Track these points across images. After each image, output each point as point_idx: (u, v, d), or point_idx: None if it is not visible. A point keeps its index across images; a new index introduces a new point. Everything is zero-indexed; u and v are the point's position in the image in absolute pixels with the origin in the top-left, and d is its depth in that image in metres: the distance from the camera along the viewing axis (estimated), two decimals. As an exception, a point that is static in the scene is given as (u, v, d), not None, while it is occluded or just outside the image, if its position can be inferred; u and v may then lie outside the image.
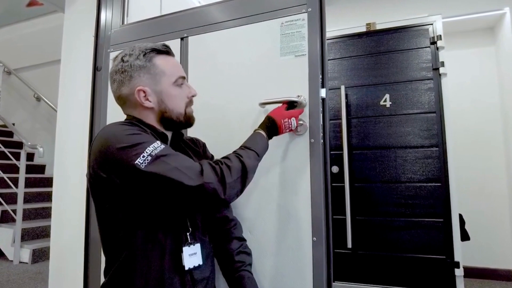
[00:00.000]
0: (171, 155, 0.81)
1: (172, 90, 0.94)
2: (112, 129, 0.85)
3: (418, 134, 2.56)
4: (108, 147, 0.79)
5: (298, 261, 1.11)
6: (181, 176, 0.76)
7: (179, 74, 0.96)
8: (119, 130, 0.83)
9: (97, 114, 1.60)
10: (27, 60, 4.88)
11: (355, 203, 2.64)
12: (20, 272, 2.99)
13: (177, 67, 0.98)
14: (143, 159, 0.76)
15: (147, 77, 0.92)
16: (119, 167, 0.78)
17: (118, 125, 0.86)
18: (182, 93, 0.96)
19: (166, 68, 0.94)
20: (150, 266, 0.84)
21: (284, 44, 1.23)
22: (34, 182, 4.07)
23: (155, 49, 0.94)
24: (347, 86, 2.75)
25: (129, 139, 0.80)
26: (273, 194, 1.12)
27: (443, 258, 2.40)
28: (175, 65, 0.97)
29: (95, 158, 0.82)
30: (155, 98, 0.93)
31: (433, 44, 2.57)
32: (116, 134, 0.82)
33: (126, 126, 0.85)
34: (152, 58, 0.93)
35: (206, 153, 1.16)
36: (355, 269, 2.63)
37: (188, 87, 1.00)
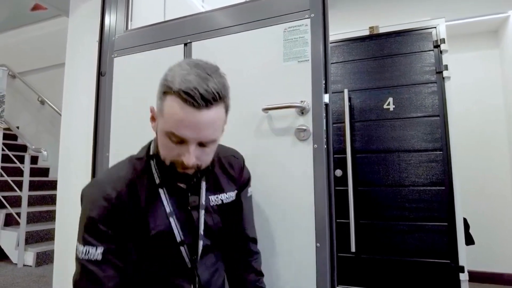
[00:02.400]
0: (82, 273, 0.78)
1: (162, 137, 0.78)
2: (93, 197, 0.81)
3: (421, 138, 2.55)
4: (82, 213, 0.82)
5: (302, 267, 1.11)
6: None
7: (172, 131, 0.74)
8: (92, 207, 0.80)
9: (101, 119, 1.60)
10: (31, 63, 4.90)
11: (359, 206, 2.63)
12: (24, 275, 3.00)
13: (176, 123, 0.73)
14: (76, 250, 0.79)
15: (157, 103, 0.80)
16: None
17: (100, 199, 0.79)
18: (172, 149, 0.77)
19: (166, 112, 0.75)
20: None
21: (287, 50, 1.23)
22: (38, 185, 4.08)
23: (172, 90, 0.72)
24: (350, 90, 2.75)
25: (89, 225, 0.78)
26: (276, 200, 1.12)
27: (447, 262, 2.39)
28: (176, 120, 0.73)
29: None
30: (156, 125, 0.82)
31: (436, 47, 2.57)
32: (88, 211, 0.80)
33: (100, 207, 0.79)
34: (166, 94, 0.75)
35: (243, 175, 1.01)
36: (359, 273, 2.61)
37: (185, 149, 0.75)
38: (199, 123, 0.72)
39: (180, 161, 0.76)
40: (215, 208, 0.92)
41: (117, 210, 0.79)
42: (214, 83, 0.73)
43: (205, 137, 0.75)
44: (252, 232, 1.05)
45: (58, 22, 4.56)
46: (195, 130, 0.73)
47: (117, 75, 1.59)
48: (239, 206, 1.00)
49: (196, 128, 0.73)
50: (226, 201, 0.94)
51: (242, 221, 1.01)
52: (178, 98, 0.71)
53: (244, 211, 1.01)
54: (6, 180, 3.68)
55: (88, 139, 1.66)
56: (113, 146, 1.54)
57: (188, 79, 0.71)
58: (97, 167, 1.56)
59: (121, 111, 1.56)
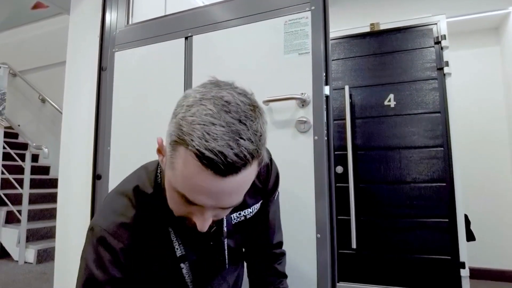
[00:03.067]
0: None
1: (170, 190, 0.61)
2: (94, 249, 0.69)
3: (422, 134, 2.55)
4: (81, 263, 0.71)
5: (303, 258, 1.11)
6: None
7: (186, 195, 0.56)
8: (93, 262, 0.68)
9: (102, 114, 1.61)
10: (32, 62, 4.91)
11: (360, 203, 2.63)
12: (25, 272, 3.01)
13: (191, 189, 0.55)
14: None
15: (167, 142, 0.59)
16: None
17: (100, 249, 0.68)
18: (183, 207, 0.60)
19: (178, 169, 0.55)
20: None
21: (288, 42, 1.23)
22: (38, 183, 4.09)
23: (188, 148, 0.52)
24: (351, 87, 2.75)
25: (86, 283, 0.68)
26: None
27: (448, 258, 2.38)
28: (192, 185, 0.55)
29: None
30: (164, 162, 0.63)
31: (437, 44, 2.57)
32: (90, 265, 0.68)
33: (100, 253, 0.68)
34: (178, 145, 0.54)
35: (269, 184, 0.87)
36: (360, 270, 2.61)
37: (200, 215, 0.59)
38: (221, 192, 0.55)
39: (192, 220, 0.61)
40: (237, 227, 0.81)
41: (121, 265, 0.68)
42: (248, 138, 0.52)
43: (226, 204, 0.58)
44: (278, 236, 0.96)
45: (59, 20, 4.57)
46: (215, 199, 0.56)
47: (118, 69, 1.60)
48: (264, 215, 0.89)
49: (217, 197, 0.55)
50: (250, 216, 0.84)
51: (267, 228, 0.91)
52: (196, 159, 0.51)
53: (270, 217, 0.91)
54: (7, 178, 3.69)
55: (89, 137, 1.66)
56: (114, 140, 1.54)
57: (213, 135, 0.50)
58: (98, 161, 1.56)
59: (122, 104, 1.56)
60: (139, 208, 0.71)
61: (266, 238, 0.93)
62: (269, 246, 0.94)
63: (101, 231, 0.68)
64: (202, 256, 0.76)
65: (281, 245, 0.97)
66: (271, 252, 0.95)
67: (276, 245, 0.95)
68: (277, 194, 0.93)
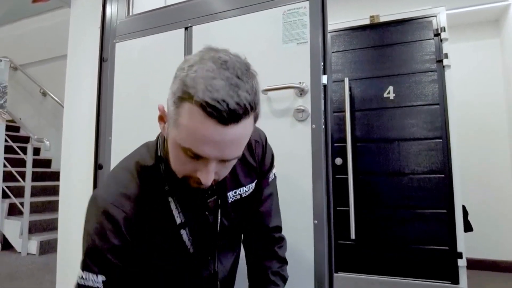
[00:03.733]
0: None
1: (175, 149, 0.64)
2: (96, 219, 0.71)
3: (421, 126, 2.57)
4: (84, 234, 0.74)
5: (300, 244, 1.13)
6: None
7: (191, 149, 0.60)
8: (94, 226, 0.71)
9: (103, 104, 1.62)
10: (33, 55, 4.92)
11: (359, 195, 2.65)
12: (28, 263, 3.04)
13: (197, 140, 0.59)
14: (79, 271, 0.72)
15: (170, 104, 0.63)
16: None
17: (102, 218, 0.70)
18: (187, 164, 0.64)
19: (183, 124, 0.59)
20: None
21: (286, 32, 1.24)
22: (40, 176, 4.12)
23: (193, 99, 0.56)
24: (351, 79, 2.76)
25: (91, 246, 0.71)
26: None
27: (446, 249, 2.41)
28: (197, 136, 0.58)
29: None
30: (166, 128, 0.68)
31: (436, 36, 2.57)
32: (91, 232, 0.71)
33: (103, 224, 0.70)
34: (183, 101, 0.58)
35: (264, 161, 0.90)
36: (359, 260, 2.64)
37: (204, 168, 0.63)
38: (224, 141, 0.58)
39: (195, 177, 0.64)
40: (234, 205, 0.84)
41: (122, 235, 0.70)
42: (246, 91, 0.58)
43: (228, 155, 0.62)
44: (276, 220, 0.95)
45: (60, 14, 4.57)
46: (218, 149, 0.59)
47: (119, 60, 1.61)
48: (259, 195, 0.90)
49: (220, 146, 0.59)
50: (245, 195, 0.86)
51: (263, 209, 0.91)
52: (200, 109, 0.56)
53: (266, 200, 0.91)
54: (10, 171, 3.72)
55: (91, 130, 1.68)
56: (115, 130, 1.56)
57: (215, 87, 0.55)
58: (100, 151, 1.58)
59: (123, 94, 1.58)
60: (141, 180, 0.75)
61: (263, 219, 0.92)
62: (267, 228, 0.93)
63: (103, 201, 0.72)
64: (199, 225, 0.79)
65: (279, 230, 0.96)
66: (270, 235, 0.94)
67: (274, 229, 0.94)
68: (273, 178, 0.95)
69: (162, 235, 0.75)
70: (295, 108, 1.19)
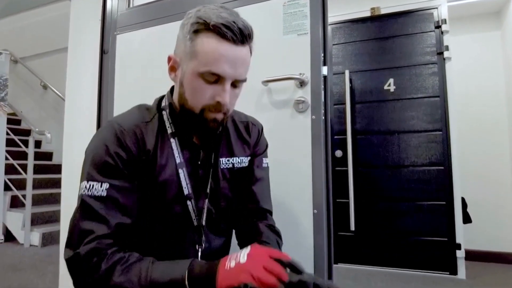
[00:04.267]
0: (83, 209, 0.72)
1: (194, 80, 0.74)
2: (104, 134, 0.77)
3: (421, 119, 2.58)
4: (88, 147, 0.79)
5: (300, 234, 1.15)
6: (74, 236, 0.71)
7: (211, 69, 0.71)
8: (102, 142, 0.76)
9: (104, 98, 1.63)
10: (33, 48, 4.91)
11: (359, 187, 2.67)
12: (31, 254, 3.07)
13: (216, 59, 0.71)
14: (80, 187, 0.74)
15: (182, 49, 0.76)
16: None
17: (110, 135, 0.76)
18: (206, 91, 0.74)
19: (202, 51, 0.72)
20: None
21: (286, 23, 1.25)
22: (42, 169, 4.14)
23: (210, 24, 0.70)
24: (352, 71, 2.76)
25: (91, 162, 0.74)
26: (275, 169, 1.14)
27: (445, 240, 2.43)
28: (216, 56, 0.71)
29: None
30: (179, 74, 0.79)
31: (437, 28, 2.57)
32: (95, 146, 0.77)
33: (111, 141, 0.75)
34: (198, 33, 0.72)
35: (259, 143, 0.96)
36: (358, 251, 2.67)
37: (221, 90, 0.74)
38: (237, 58, 0.72)
39: (213, 104, 0.74)
40: (225, 172, 0.88)
41: (125, 146, 0.75)
42: (245, 21, 0.74)
43: (240, 74, 0.75)
44: (268, 203, 0.97)
45: (60, 6, 4.55)
46: (233, 66, 0.72)
47: (120, 52, 1.62)
48: (250, 174, 0.93)
49: (234, 64, 0.72)
50: (238, 166, 0.90)
51: (255, 189, 0.93)
52: (215, 33, 0.70)
53: (257, 181, 0.93)
54: (12, 163, 3.74)
55: (92, 122, 1.68)
56: (116, 122, 1.57)
57: (224, 15, 0.70)
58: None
59: (124, 87, 1.59)
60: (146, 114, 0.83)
61: (255, 197, 0.92)
62: (259, 206, 0.93)
63: (108, 122, 0.80)
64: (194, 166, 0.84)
65: (271, 213, 0.97)
66: (263, 214, 0.94)
67: (267, 210, 0.95)
68: (267, 166, 0.98)
69: (162, 165, 0.79)
70: (295, 99, 1.20)
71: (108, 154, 0.74)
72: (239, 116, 0.96)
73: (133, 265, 0.68)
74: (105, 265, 0.66)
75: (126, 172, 0.75)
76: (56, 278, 1.73)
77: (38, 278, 2.46)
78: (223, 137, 0.89)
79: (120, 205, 0.73)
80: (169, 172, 0.80)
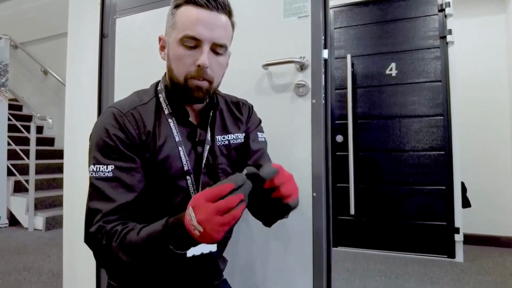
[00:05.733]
0: (93, 191, 0.76)
1: (176, 48, 0.79)
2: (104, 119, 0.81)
3: (423, 103, 2.57)
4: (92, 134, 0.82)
5: (298, 217, 1.16)
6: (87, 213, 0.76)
7: (188, 33, 0.76)
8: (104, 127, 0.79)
9: (104, 81, 1.63)
10: (34, 33, 4.88)
11: (359, 171, 2.68)
12: (35, 238, 3.12)
13: (192, 23, 0.76)
14: (89, 170, 0.78)
15: (167, 25, 0.83)
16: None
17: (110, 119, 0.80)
18: (186, 58, 0.78)
19: (180, 20, 0.78)
20: None
21: (287, 6, 1.23)
22: (44, 154, 4.16)
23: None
24: (354, 55, 2.74)
25: (96, 146, 0.78)
26: (275, 151, 1.15)
27: (444, 224, 2.46)
28: (192, 20, 0.76)
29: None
30: (166, 51, 0.85)
31: (441, 11, 2.54)
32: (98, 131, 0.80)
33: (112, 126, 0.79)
34: (179, 7, 0.79)
35: (250, 120, 1.00)
36: (358, 235, 2.70)
37: (197, 53, 0.78)
38: (212, 21, 0.77)
39: (195, 69, 0.78)
40: (222, 149, 0.91)
41: (124, 128, 0.79)
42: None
43: (218, 38, 0.78)
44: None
45: (59, -10, 4.50)
46: (209, 29, 0.77)
47: (120, 36, 1.61)
48: (247, 149, 0.95)
49: (210, 26, 0.77)
50: (233, 142, 0.93)
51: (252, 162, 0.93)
52: (191, 5, 0.77)
53: (255, 153, 0.94)
54: (14, 149, 3.76)
55: (93, 106, 1.68)
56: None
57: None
58: (102, 127, 1.60)
59: (124, 70, 1.58)
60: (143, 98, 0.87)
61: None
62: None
63: (108, 107, 0.83)
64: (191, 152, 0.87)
65: None
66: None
67: None
68: (264, 140, 1.00)
69: (162, 144, 0.82)
70: (296, 83, 1.19)
71: (109, 137, 0.78)
72: (230, 98, 1.00)
73: (126, 234, 0.70)
74: (105, 240, 0.71)
75: (128, 153, 0.78)
76: (60, 260, 1.76)
77: (42, 261, 2.51)
78: (217, 116, 0.92)
79: (126, 184, 0.77)
80: (170, 150, 0.83)
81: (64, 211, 1.88)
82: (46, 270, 2.34)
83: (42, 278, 2.20)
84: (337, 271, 2.29)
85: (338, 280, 2.15)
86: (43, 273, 2.28)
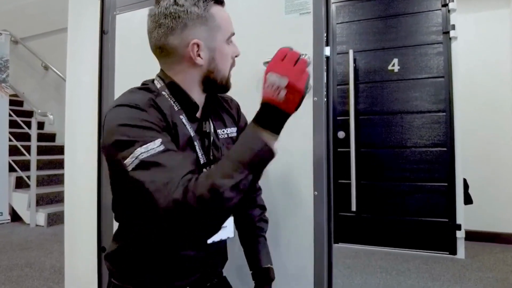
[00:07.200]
0: (153, 166, 0.67)
1: (225, 48, 0.85)
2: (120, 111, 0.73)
3: (425, 99, 2.55)
4: (109, 133, 0.72)
5: (300, 215, 1.16)
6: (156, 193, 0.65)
7: (232, 30, 0.86)
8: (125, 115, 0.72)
9: (105, 78, 1.62)
10: (34, 29, 4.86)
11: (361, 168, 2.67)
12: (37, 234, 3.13)
13: (230, 21, 0.86)
14: (131, 160, 0.67)
15: (203, 29, 0.80)
16: (112, 159, 0.73)
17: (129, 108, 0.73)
18: (229, 53, 0.86)
19: (222, 21, 0.83)
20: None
21: (288, 2, 1.22)
22: (45, 150, 4.16)
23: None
24: (356, 51, 2.72)
25: (128, 132, 0.69)
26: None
27: (445, 221, 2.45)
28: (227, 19, 0.85)
29: (102, 135, 0.75)
30: (207, 55, 0.82)
31: (444, 6, 2.51)
32: (120, 121, 0.71)
33: (134, 111, 0.72)
34: (210, 8, 0.81)
35: (241, 117, 1.04)
36: (359, 231, 2.70)
37: (234, 46, 0.88)
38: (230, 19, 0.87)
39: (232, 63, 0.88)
40: (223, 142, 0.93)
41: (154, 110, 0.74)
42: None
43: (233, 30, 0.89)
44: None
45: (59, -15, 4.47)
46: (231, 25, 0.88)
47: (120, 32, 1.59)
48: None
49: (231, 23, 0.88)
50: (232, 136, 0.97)
51: None
52: (218, 4, 0.83)
53: None
54: (15, 145, 3.76)
55: (93, 102, 1.68)
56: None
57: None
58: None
59: (124, 67, 1.57)
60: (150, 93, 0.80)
61: None
62: None
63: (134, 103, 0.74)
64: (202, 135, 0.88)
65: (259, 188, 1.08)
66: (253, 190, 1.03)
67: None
68: None
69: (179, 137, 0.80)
70: (297, 81, 1.18)
71: (139, 119, 0.71)
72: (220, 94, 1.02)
73: (215, 167, 0.68)
74: (197, 189, 0.63)
75: (163, 131, 0.73)
76: (62, 256, 1.76)
77: (44, 257, 2.52)
78: (213, 110, 0.94)
79: (179, 153, 0.73)
80: (188, 143, 0.82)
81: (65, 207, 1.88)
82: (48, 266, 2.35)
83: (44, 274, 2.21)
84: (338, 267, 2.30)
85: (339, 277, 2.16)
86: (45, 269, 2.29)
